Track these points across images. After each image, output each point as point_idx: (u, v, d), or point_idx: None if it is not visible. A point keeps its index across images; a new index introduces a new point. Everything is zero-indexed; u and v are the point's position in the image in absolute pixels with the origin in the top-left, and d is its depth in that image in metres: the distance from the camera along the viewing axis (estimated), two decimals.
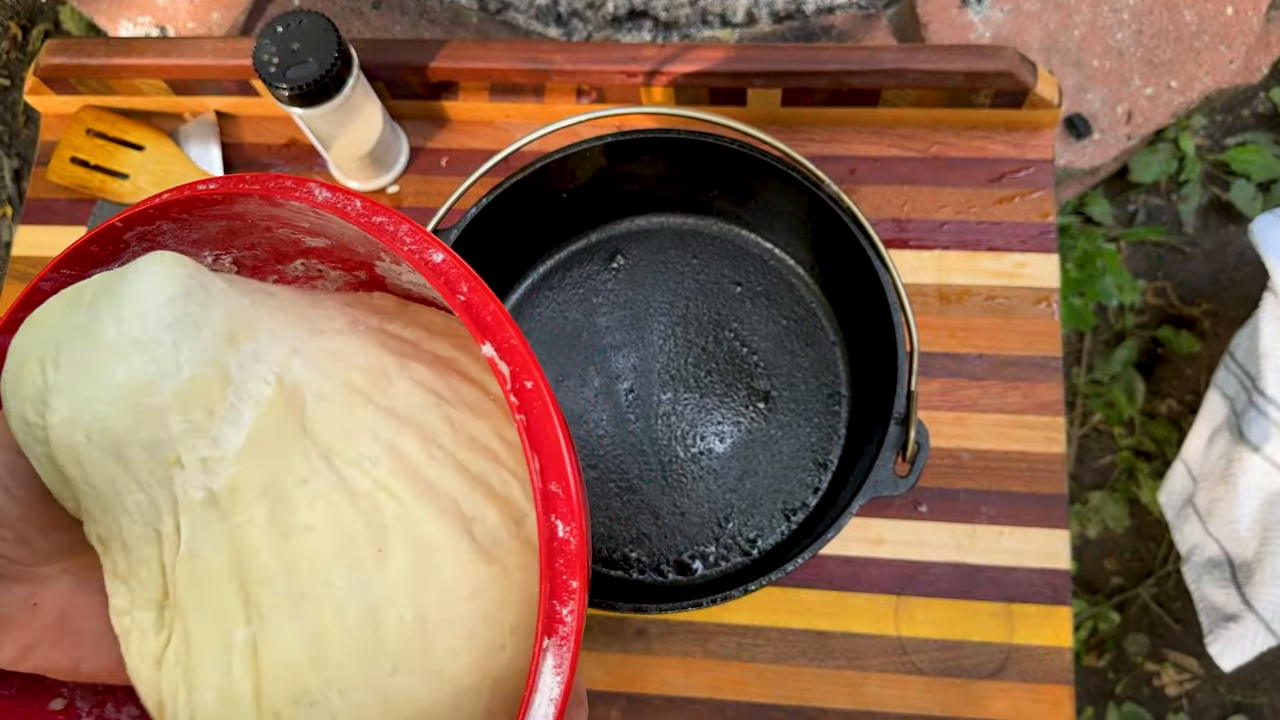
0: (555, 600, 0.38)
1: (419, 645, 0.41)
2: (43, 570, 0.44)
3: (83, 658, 0.45)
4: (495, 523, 0.44)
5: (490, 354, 0.41)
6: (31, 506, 0.43)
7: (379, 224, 0.44)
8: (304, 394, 0.42)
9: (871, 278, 0.71)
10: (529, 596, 0.44)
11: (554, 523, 0.39)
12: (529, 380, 0.41)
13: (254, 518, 0.41)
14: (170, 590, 0.42)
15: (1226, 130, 1.74)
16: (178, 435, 0.39)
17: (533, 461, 0.39)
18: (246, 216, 0.48)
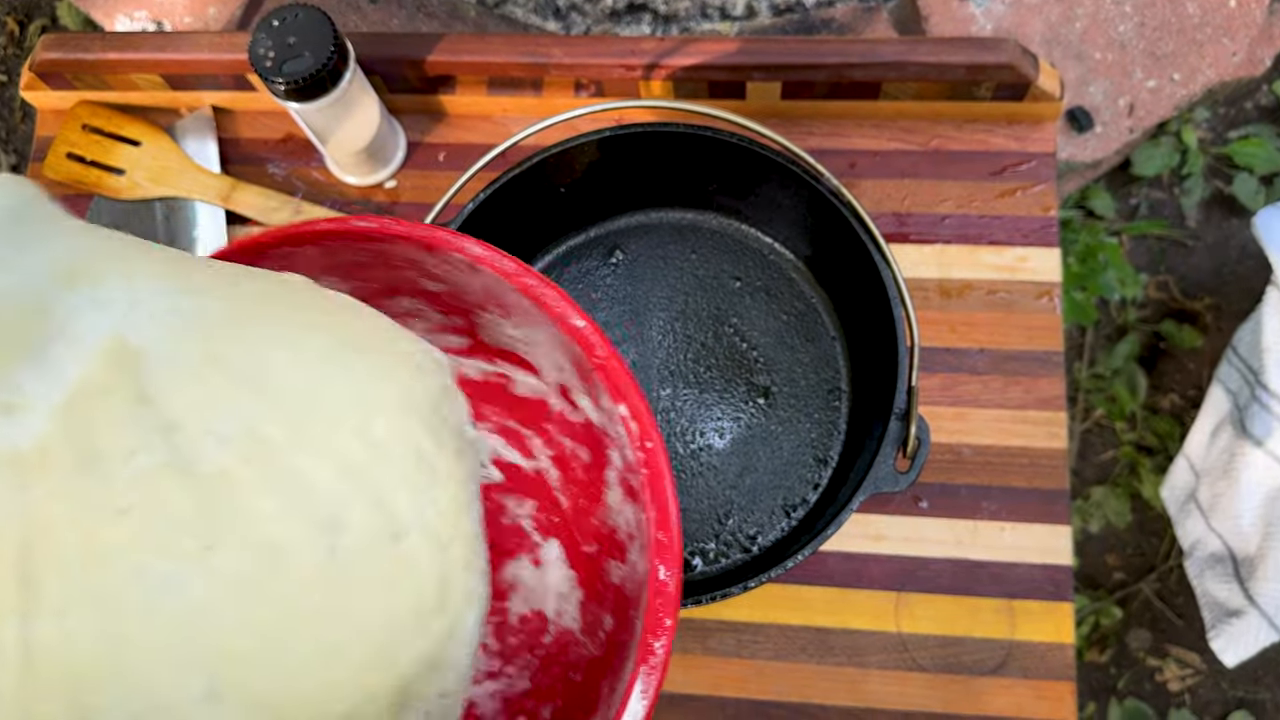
0: (650, 635, 0.44)
1: (243, 667, 0.35)
2: None
3: None
4: (368, 533, 0.38)
5: (624, 414, 0.48)
6: None
7: (531, 286, 0.50)
8: (150, 357, 0.36)
9: (872, 272, 0.71)
10: (389, 622, 0.39)
11: (657, 566, 0.45)
12: (650, 441, 0.48)
13: (61, 490, 0.33)
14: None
15: (1229, 123, 1.73)
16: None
17: (650, 512, 0.46)
18: (388, 255, 0.49)
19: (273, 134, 0.92)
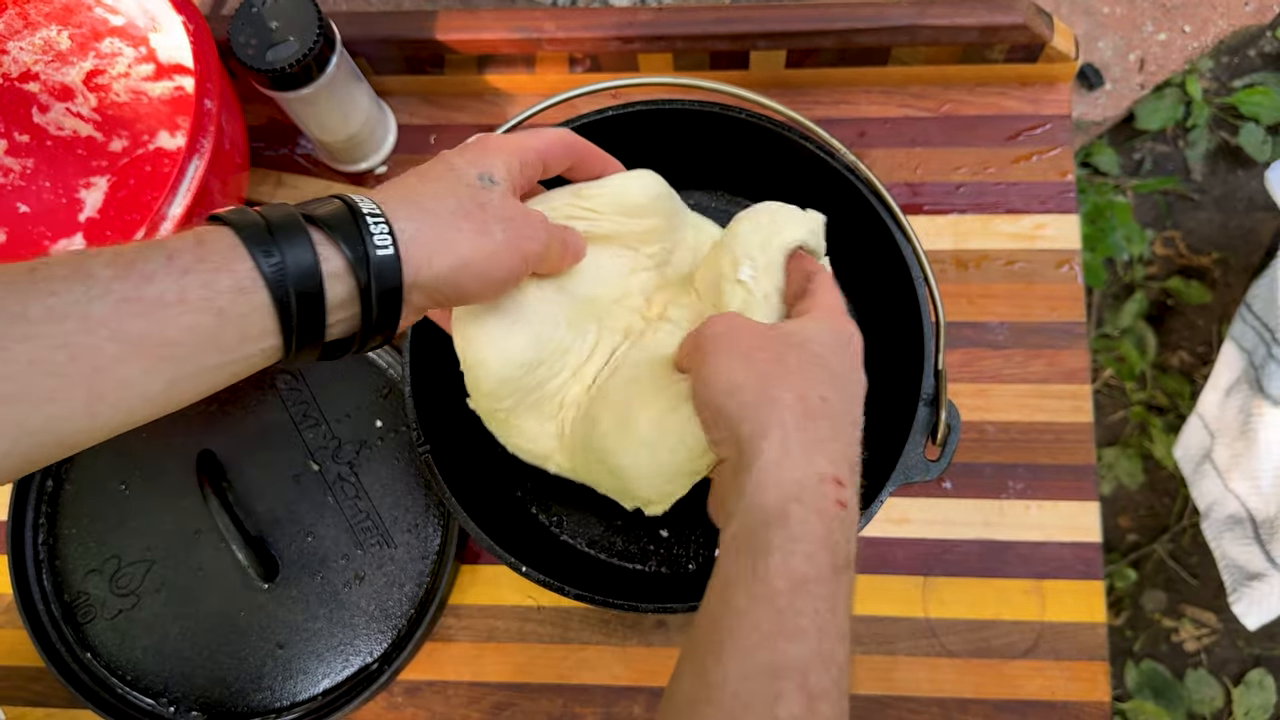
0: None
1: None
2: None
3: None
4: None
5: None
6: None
7: None
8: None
9: (889, 248, 0.67)
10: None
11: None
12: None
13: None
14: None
15: (1233, 72, 1.70)
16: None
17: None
18: None
19: (254, 120, 0.88)
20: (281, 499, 0.77)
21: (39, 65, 0.81)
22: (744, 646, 0.42)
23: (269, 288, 0.42)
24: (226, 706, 0.75)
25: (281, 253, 0.42)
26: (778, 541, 0.44)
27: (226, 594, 0.76)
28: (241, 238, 0.42)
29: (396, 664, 0.74)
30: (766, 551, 0.44)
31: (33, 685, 0.80)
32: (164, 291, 0.40)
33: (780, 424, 0.47)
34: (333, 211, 0.45)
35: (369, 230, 0.45)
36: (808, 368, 0.50)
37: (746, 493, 0.46)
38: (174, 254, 0.41)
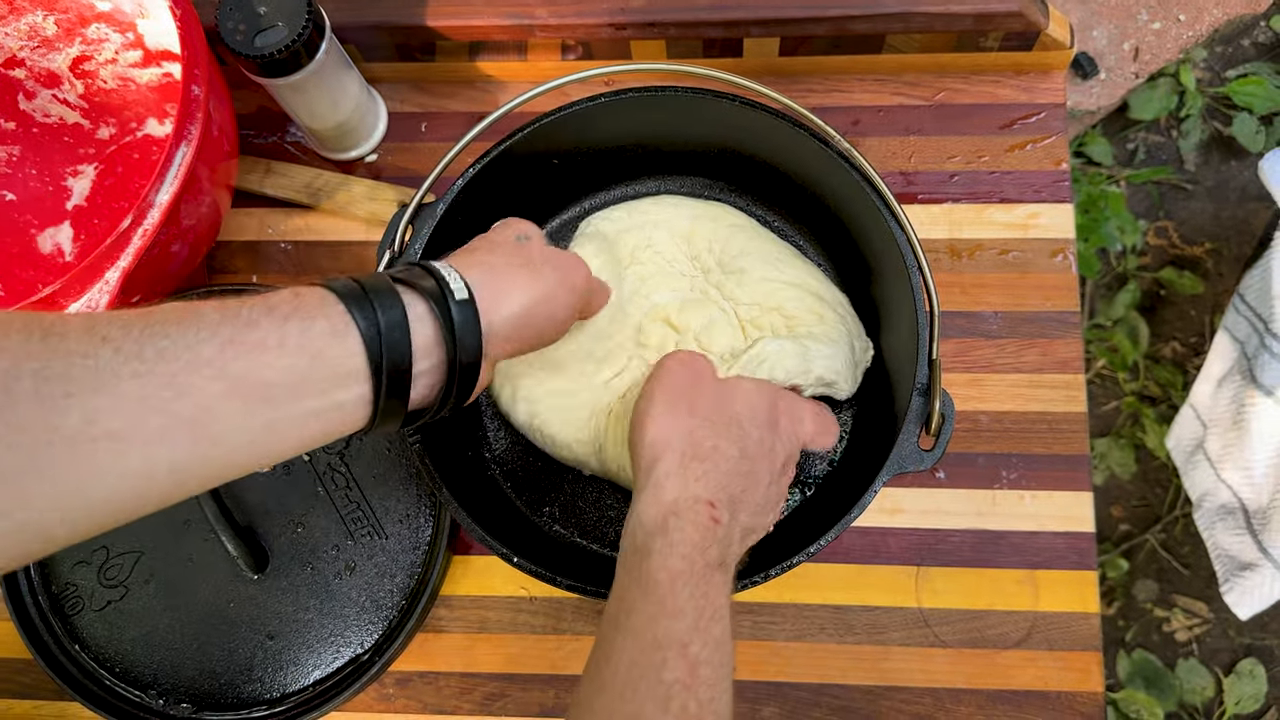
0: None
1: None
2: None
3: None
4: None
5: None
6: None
7: None
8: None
9: (883, 237, 0.67)
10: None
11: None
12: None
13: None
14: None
15: (1227, 62, 1.70)
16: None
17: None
18: None
19: (244, 107, 0.87)
20: (271, 490, 0.77)
21: (25, 51, 0.81)
22: (633, 630, 0.49)
23: (359, 330, 0.46)
24: (216, 698, 0.75)
25: (371, 303, 0.47)
26: (657, 546, 0.52)
27: (216, 585, 0.76)
28: (334, 292, 0.47)
29: (388, 655, 0.74)
30: (648, 554, 0.52)
31: (20, 677, 0.80)
32: (265, 336, 0.43)
33: (668, 459, 0.56)
34: (411, 270, 0.52)
35: (446, 281, 0.51)
36: (715, 420, 0.58)
37: (636, 511, 0.55)
38: (274, 305, 0.45)
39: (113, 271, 0.66)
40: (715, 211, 0.76)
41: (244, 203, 0.85)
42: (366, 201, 0.83)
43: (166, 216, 0.66)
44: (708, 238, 0.75)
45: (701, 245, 0.75)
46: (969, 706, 0.74)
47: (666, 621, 0.49)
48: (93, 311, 0.42)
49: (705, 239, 0.75)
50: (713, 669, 0.48)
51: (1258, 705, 1.53)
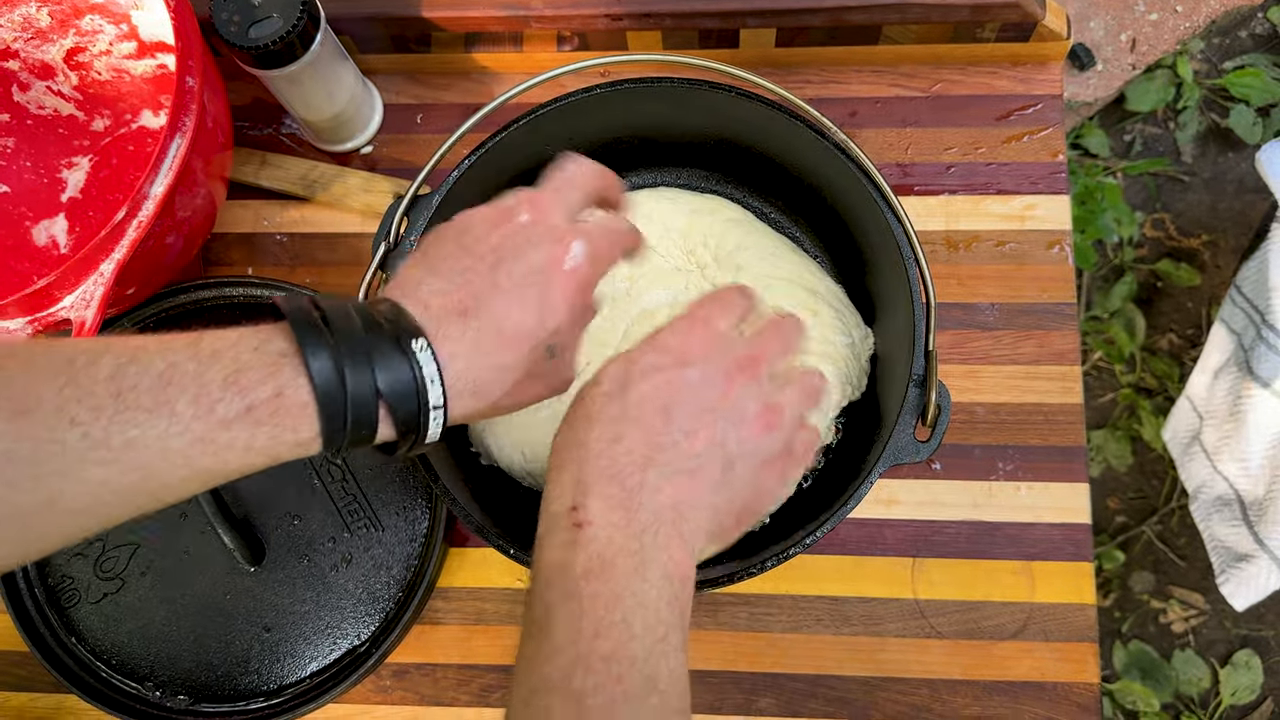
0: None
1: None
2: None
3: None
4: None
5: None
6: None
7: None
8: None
9: (880, 228, 0.67)
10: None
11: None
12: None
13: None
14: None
15: (1224, 53, 1.69)
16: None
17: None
18: None
19: (239, 99, 0.87)
20: (268, 482, 0.77)
21: (18, 43, 0.80)
22: (518, 676, 0.46)
23: (324, 444, 0.46)
24: (213, 690, 0.75)
25: (346, 423, 0.46)
26: (533, 570, 0.49)
27: (213, 577, 0.76)
28: (318, 404, 0.45)
29: (385, 647, 0.74)
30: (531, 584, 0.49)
31: (16, 670, 0.80)
32: (235, 438, 0.43)
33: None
34: (399, 383, 0.47)
35: (429, 411, 0.48)
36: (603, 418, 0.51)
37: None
38: (253, 406, 0.44)
39: (107, 264, 0.66)
40: (712, 205, 0.76)
41: (239, 195, 0.85)
42: (362, 194, 0.83)
43: (161, 208, 0.66)
44: (704, 232, 0.74)
45: (697, 240, 0.74)
46: (965, 697, 0.74)
47: (546, 656, 0.45)
48: (66, 364, 0.42)
49: (701, 234, 0.74)
50: (604, 694, 0.43)
51: (1253, 696, 1.54)
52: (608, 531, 0.47)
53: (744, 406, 0.52)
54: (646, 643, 0.45)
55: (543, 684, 0.44)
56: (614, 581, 0.46)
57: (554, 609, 0.45)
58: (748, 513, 0.53)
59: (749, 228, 0.75)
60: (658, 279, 0.73)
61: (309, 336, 0.45)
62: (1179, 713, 1.54)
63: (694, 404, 0.51)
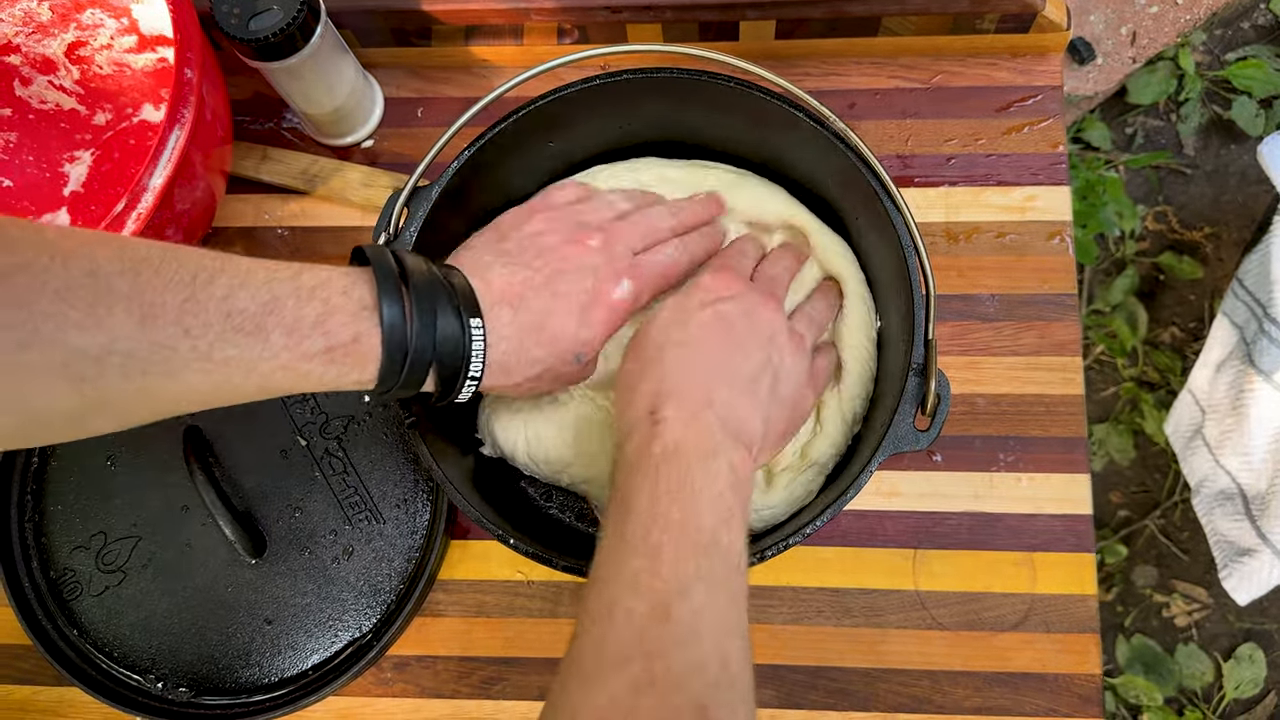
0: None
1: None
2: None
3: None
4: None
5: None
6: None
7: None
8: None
9: (880, 220, 0.67)
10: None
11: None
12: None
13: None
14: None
15: (1226, 45, 1.69)
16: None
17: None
18: None
19: (240, 93, 0.87)
20: (269, 474, 0.77)
21: (19, 37, 0.80)
22: (605, 536, 0.53)
23: (378, 385, 0.53)
24: (215, 682, 0.75)
25: (401, 374, 0.53)
26: (617, 464, 0.57)
27: (214, 570, 0.76)
28: (385, 354, 0.52)
29: (386, 639, 0.74)
30: (614, 474, 0.57)
31: (19, 663, 0.80)
32: (311, 369, 0.50)
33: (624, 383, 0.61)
34: (452, 351, 0.55)
35: (467, 379, 0.56)
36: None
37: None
38: (333, 347, 0.51)
39: None
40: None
41: (240, 189, 0.85)
42: (362, 188, 0.83)
43: (160, 200, 0.66)
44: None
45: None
46: (966, 689, 0.74)
47: (626, 522, 0.51)
48: (190, 279, 0.48)
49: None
50: (675, 547, 0.50)
51: (1257, 689, 1.54)
52: (681, 428, 0.54)
53: (776, 330, 0.62)
54: (711, 517, 0.51)
55: (622, 541, 0.51)
56: (686, 464, 0.53)
57: (634, 486, 0.53)
58: (791, 427, 0.63)
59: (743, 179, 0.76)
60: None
61: (388, 291, 0.52)
62: (1182, 707, 1.54)
63: (742, 330, 0.60)
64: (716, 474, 0.53)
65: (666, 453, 0.53)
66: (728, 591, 0.50)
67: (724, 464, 0.54)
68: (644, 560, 0.49)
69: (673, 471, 0.52)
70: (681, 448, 0.53)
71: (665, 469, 0.52)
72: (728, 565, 0.51)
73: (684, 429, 0.54)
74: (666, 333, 0.59)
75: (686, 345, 0.58)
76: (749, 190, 0.73)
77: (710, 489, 0.52)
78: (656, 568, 0.49)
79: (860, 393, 0.70)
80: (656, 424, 0.54)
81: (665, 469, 0.52)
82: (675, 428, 0.54)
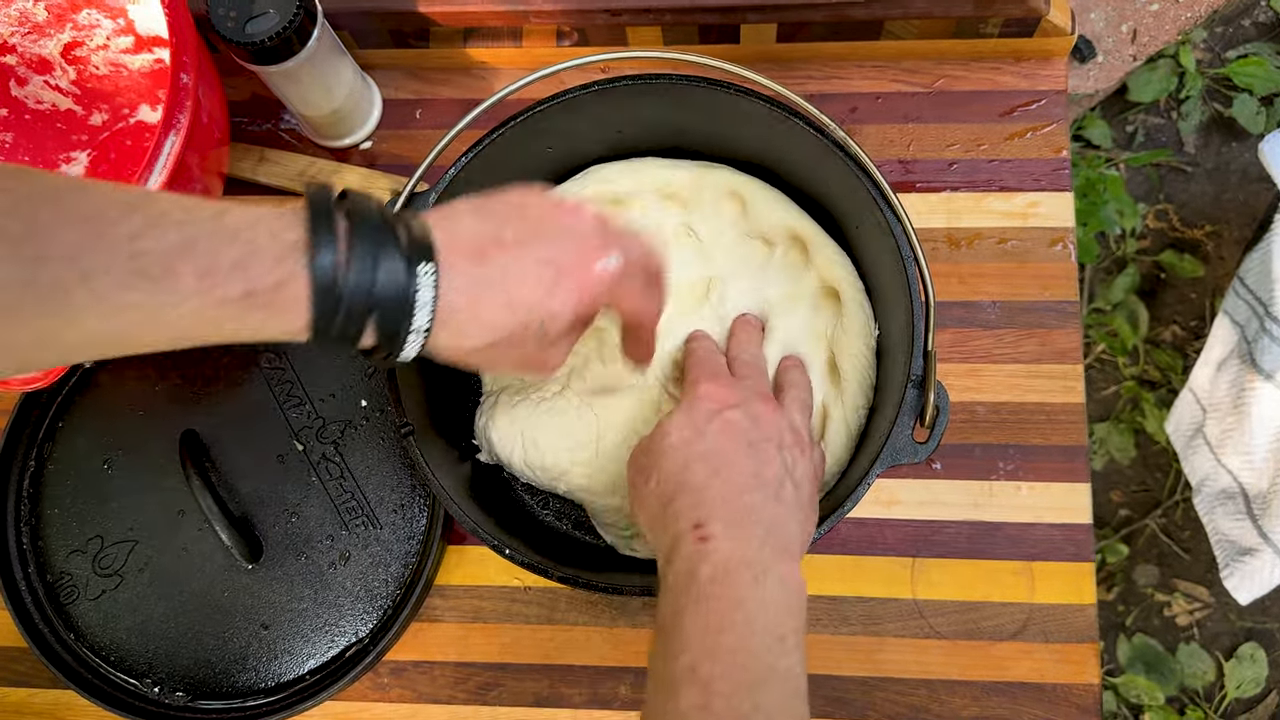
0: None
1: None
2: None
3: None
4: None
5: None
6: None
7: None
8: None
9: (880, 228, 0.66)
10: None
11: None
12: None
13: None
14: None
15: (1227, 43, 1.68)
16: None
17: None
18: None
19: (238, 95, 0.87)
20: (265, 479, 0.77)
21: (15, 37, 0.80)
22: (654, 673, 0.51)
23: (312, 337, 0.47)
24: (211, 687, 0.75)
25: (334, 325, 0.47)
26: (663, 586, 0.55)
27: (210, 574, 0.76)
28: (313, 302, 0.46)
29: (382, 644, 0.74)
30: (661, 596, 0.54)
31: (15, 666, 0.80)
32: (228, 315, 0.45)
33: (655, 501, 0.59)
34: (393, 298, 0.48)
35: (409, 332, 0.49)
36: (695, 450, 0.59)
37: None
38: (253, 292, 0.45)
39: None
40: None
41: (237, 190, 0.85)
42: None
43: None
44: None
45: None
46: (964, 698, 0.74)
47: (677, 652, 0.50)
48: (97, 215, 0.43)
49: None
50: (729, 681, 0.48)
51: (1259, 689, 1.54)
52: (729, 545, 0.53)
53: (783, 431, 0.61)
54: (766, 640, 0.50)
55: (673, 675, 0.49)
56: (737, 587, 0.51)
57: (683, 611, 0.51)
58: (812, 528, 0.60)
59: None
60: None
61: (323, 233, 0.46)
62: (1184, 706, 1.54)
63: (756, 438, 0.59)
64: (769, 594, 0.52)
65: (716, 576, 0.51)
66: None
67: (774, 581, 0.52)
68: (697, 696, 0.48)
69: (724, 596, 0.51)
70: (730, 569, 0.52)
71: (716, 593, 0.51)
72: (785, 692, 0.49)
73: (731, 546, 0.53)
74: (688, 445, 0.58)
75: (711, 459, 0.57)
76: (752, 196, 0.73)
77: (763, 615, 0.51)
78: (709, 702, 0.47)
79: (862, 402, 0.69)
80: (704, 540, 0.53)
81: (716, 593, 0.51)
82: (723, 546, 0.53)
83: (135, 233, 0.43)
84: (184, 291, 0.43)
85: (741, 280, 0.72)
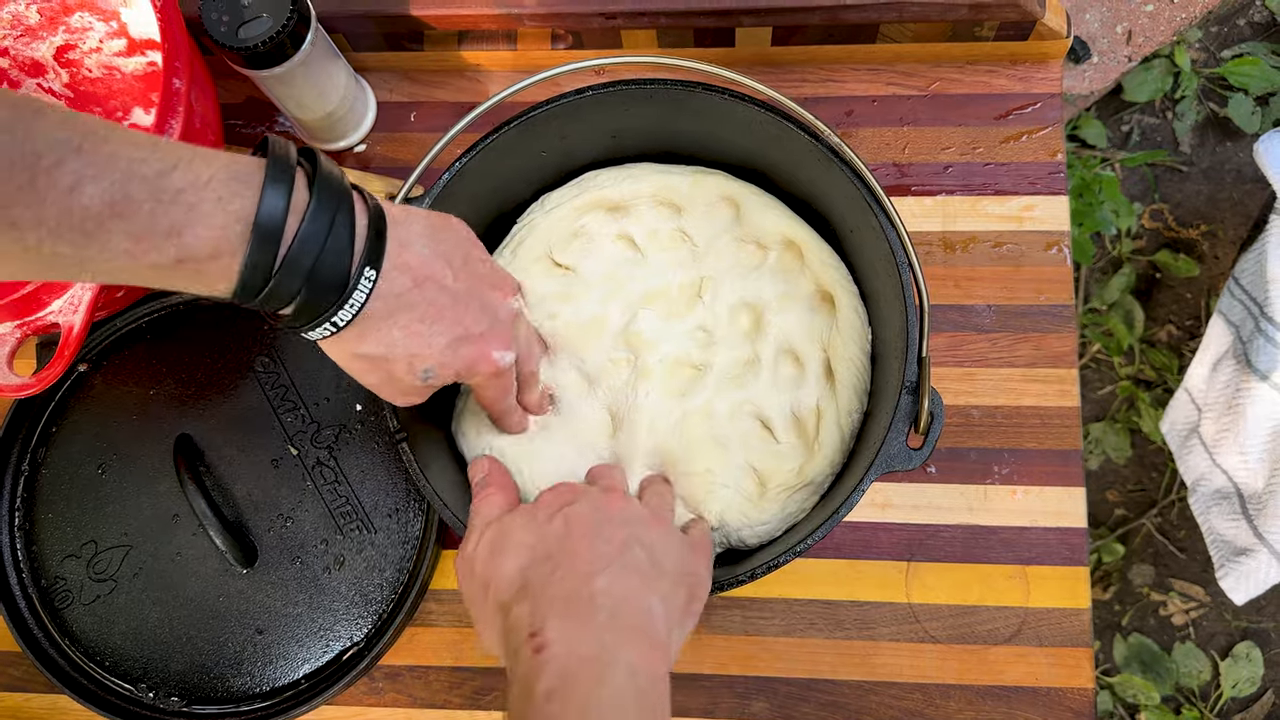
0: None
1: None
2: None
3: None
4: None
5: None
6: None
7: None
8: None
9: (874, 234, 0.66)
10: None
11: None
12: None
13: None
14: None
15: (1222, 42, 1.68)
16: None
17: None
18: None
19: (232, 98, 0.87)
20: (260, 484, 0.76)
21: (8, 40, 0.80)
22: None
23: (235, 300, 0.48)
24: (206, 692, 0.75)
25: (258, 297, 0.48)
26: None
27: (205, 579, 0.76)
28: (240, 280, 0.47)
29: (377, 649, 0.73)
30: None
31: (9, 671, 0.80)
32: (156, 275, 0.45)
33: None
34: (327, 289, 0.49)
35: (326, 324, 0.51)
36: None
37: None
38: (184, 260, 0.45)
39: None
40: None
41: None
42: None
43: None
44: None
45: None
46: (958, 702, 0.74)
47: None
48: (34, 159, 0.41)
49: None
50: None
51: (1254, 688, 1.54)
52: (566, 646, 0.49)
53: (629, 512, 0.58)
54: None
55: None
56: (578, 695, 0.47)
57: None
58: (694, 599, 0.58)
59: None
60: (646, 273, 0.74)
61: (280, 183, 0.46)
62: (1179, 705, 1.54)
63: (599, 520, 0.56)
64: (616, 694, 0.47)
65: (553, 690, 0.47)
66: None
67: (621, 674, 0.48)
68: None
69: (563, 713, 0.46)
70: (569, 674, 0.48)
71: (554, 711, 0.46)
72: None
73: (570, 647, 0.49)
74: (530, 549, 0.55)
75: (553, 557, 0.54)
76: (746, 202, 0.73)
77: (612, 717, 0.47)
78: None
79: (856, 405, 0.69)
80: (539, 651, 0.49)
81: (554, 711, 0.46)
82: (560, 649, 0.49)
83: (74, 184, 0.41)
84: (114, 250, 0.43)
85: (735, 280, 0.72)
